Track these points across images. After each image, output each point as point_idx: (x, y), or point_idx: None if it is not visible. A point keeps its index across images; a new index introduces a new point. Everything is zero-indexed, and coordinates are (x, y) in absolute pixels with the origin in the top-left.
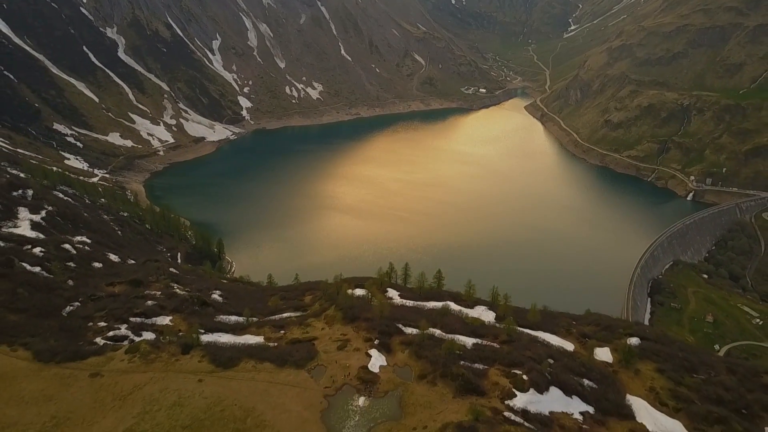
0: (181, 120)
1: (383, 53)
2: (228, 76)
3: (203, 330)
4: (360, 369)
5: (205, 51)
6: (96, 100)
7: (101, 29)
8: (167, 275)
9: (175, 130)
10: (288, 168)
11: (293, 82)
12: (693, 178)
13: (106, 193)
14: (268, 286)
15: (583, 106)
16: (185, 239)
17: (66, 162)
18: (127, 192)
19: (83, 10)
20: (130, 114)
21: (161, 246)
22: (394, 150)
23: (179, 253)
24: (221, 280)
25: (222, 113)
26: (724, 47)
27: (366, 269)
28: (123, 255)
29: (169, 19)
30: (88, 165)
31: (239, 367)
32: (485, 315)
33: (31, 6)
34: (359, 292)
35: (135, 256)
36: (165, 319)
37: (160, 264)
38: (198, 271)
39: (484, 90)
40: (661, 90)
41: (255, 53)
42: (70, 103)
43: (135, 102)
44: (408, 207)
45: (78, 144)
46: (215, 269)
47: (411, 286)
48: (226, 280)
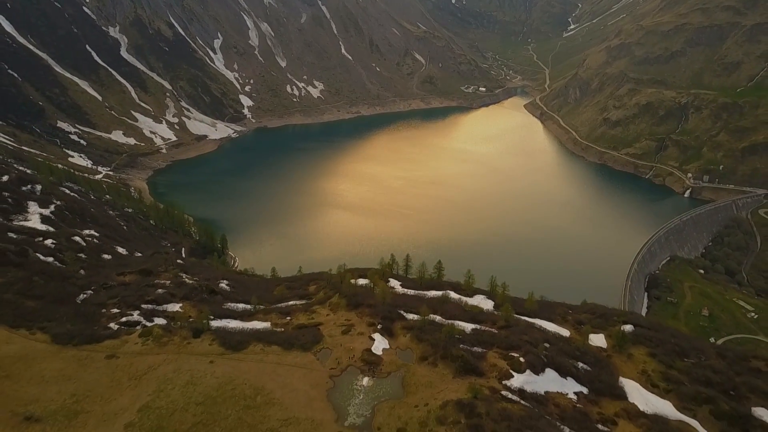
0: (184, 118)
1: (384, 52)
2: (229, 74)
3: (212, 316)
4: (364, 351)
5: (207, 50)
6: (99, 98)
7: (104, 28)
8: (176, 266)
9: (178, 128)
10: (289, 166)
11: (294, 80)
12: (690, 175)
13: (110, 190)
14: (273, 277)
15: (582, 104)
16: (189, 235)
17: (70, 159)
18: (131, 189)
19: (86, 9)
20: (132, 112)
21: (166, 241)
22: (394, 148)
23: (183, 248)
24: (227, 271)
25: (224, 112)
26: (721, 46)
27: (368, 263)
28: (130, 248)
29: (171, 19)
30: (91, 162)
31: (248, 350)
32: (484, 303)
33: (35, 5)
34: (362, 281)
35: (141, 249)
36: (175, 306)
37: (168, 255)
38: (204, 263)
39: (483, 89)
40: (660, 88)
41: (256, 52)
42: (73, 102)
43: (138, 100)
44: (409, 204)
45: (81, 142)
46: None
47: (412, 276)
48: (231, 272)
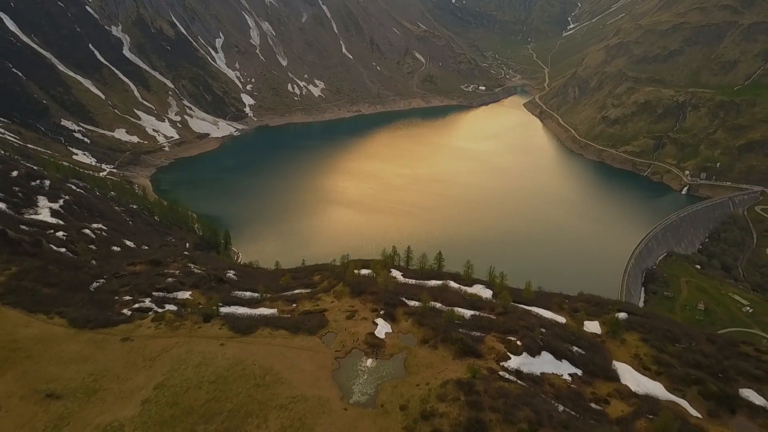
0: (186, 117)
1: (384, 51)
2: (231, 73)
3: (221, 303)
4: (367, 335)
5: (209, 49)
6: (102, 97)
7: (106, 27)
8: (184, 256)
9: (180, 126)
10: (291, 163)
11: (295, 79)
12: (688, 172)
13: (115, 187)
14: (277, 269)
15: (581, 102)
16: (193, 231)
17: (74, 157)
18: (135, 186)
19: (89, 8)
20: (135, 111)
21: (170, 237)
22: (395, 146)
23: (187, 244)
24: (233, 263)
25: (225, 110)
26: (719, 45)
27: (370, 257)
28: (137, 242)
29: (173, 18)
30: (95, 160)
31: (256, 334)
32: (483, 292)
33: (38, 4)
34: (365, 271)
35: (148, 243)
36: (185, 294)
37: (175, 248)
38: (210, 256)
39: (483, 88)
40: (658, 87)
41: (257, 51)
42: (77, 100)
43: (140, 99)
44: (410, 201)
45: (85, 140)
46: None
47: (413, 268)
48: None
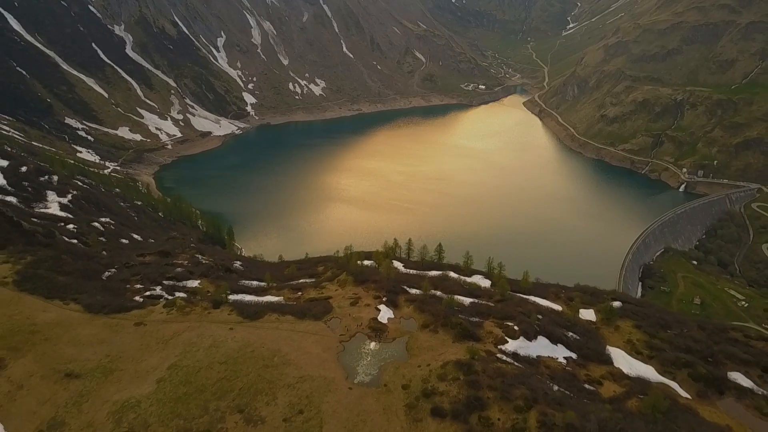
0: (188, 115)
1: (384, 50)
2: (233, 72)
3: (229, 291)
4: (371, 320)
5: (210, 48)
6: (105, 95)
7: (109, 27)
8: (192, 248)
9: (182, 124)
10: (293, 161)
11: (296, 78)
12: (685, 170)
13: (119, 184)
14: (282, 261)
15: (580, 101)
16: (196, 227)
17: (78, 155)
18: (138, 183)
19: (92, 8)
20: (138, 109)
21: (174, 232)
22: (396, 144)
23: (191, 239)
24: (239, 255)
25: (227, 109)
26: (717, 44)
27: (372, 250)
28: (144, 236)
29: (175, 17)
30: (99, 158)
31: (264, 319)
32: (481, 282)
33: (42, 4)
34: (367, 262)
35: (154, 237)
36: (194, 282)
37: (183, 241)
38: (215, 249)
39: (483, 87)
40: (656, 85)
41: (259, 50)
42: (80, 98)
43: (143, 97)
44: (411, 198)
45: (89, 138)
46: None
47: (414, 259)
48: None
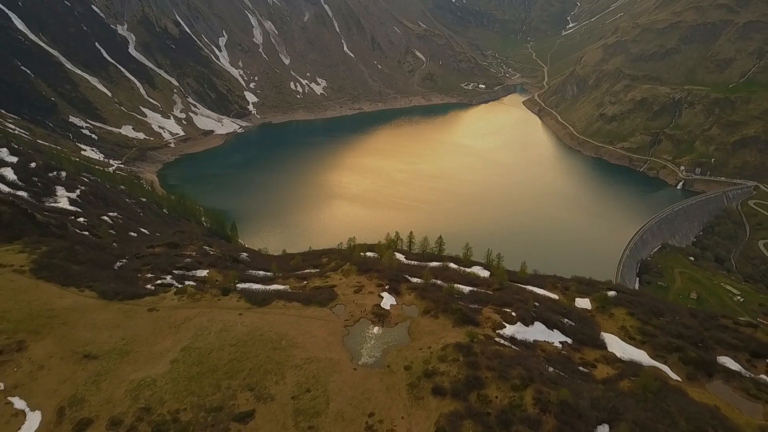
0: (191, 114)
1: (385, 50)
2: (234, 72)
3: (237, 280)
4: (374, 307)
5: (212, 48)
6: (109, 94)
7: (112, 26)
8: (199, 239)
9: (185, 123)
10: (294, 159)
11: (298, 78)
12: (683, 168)
13: (124, 181)
14: (286, 254)
15: (579, 100)
16: (200, 223)
17: (83, 153)
18: (142, 181)
19: (95, 8)
20: (141, 108)
21: (179, 228)
22: (396, 143)
23: (197, 233)
24: (245, 247)
25: (229, 108)
26: (714, 43)
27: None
28: (151, 230)
29: (177, 17)
30: (103, 156)
31: (272, 305)
32: (481, 273)
33: (46, 4)
34: (370, 254)
35: (160, 232)
36: (203, 272)
37: (190, 234)
38: (222, 242)
39: (483, 86)
40: (654, 84)
41: (260, 50)
42: (84, 97)
43: (146, 96)
44: (412, 195)
45: (93, 136)
46: None
47: (415, 252)
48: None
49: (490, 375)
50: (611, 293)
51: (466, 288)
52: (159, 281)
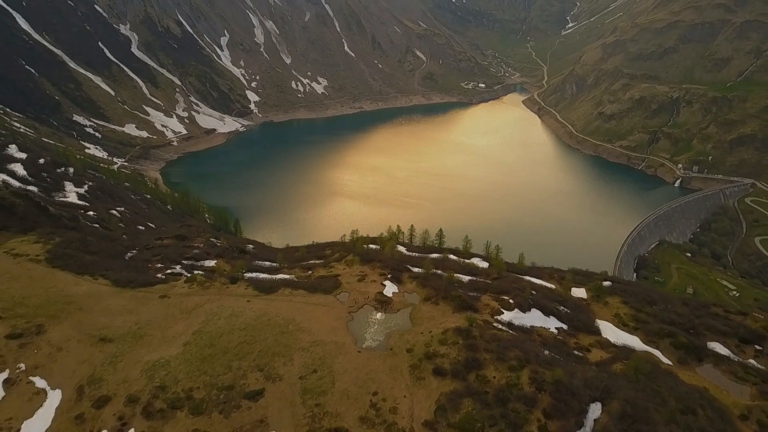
0: (193, 112)
1: (385, 49)
2: (236, 71)
3: (245, 270)
4: (377, 294)
5: (214, 47)
6: (112, 93)
7: (115, 26)
8: (207, 232)
9: (188, 122)
10: (296, 157)
11: (299, 77)
12: (681, 166)
13: (128, 179)
14: (291, 247)
15: (578, 99)
16: (204, 220)
17: (87, 151)
18: (146, 179)
19: (98, 7)
20: (144, 106)
21: (184, 223)
22: (397, 141)
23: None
24: (250, 239)
25: (231, 106)
26: (712, 42)
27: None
28: (157, 225)
29: (180, 17)
30: (107, 154)
31: (278, 293)
32: (480, 264)
33: (49, 3)
34: (372, 246)
35: (166, 227)
36: (211, 262)
37: (197, 227)
38: (228, 235)
39: (483, 85)
40: (652, 83)
41: (262, 49)
42: (87, 96)
43: (149, 95)
44: (413, 193)
45: (97, 134)
46: None
47: (416, 245)
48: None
49: (488, 357)
50: (606, 283)
51: (465, 277)
52: (169, 271)
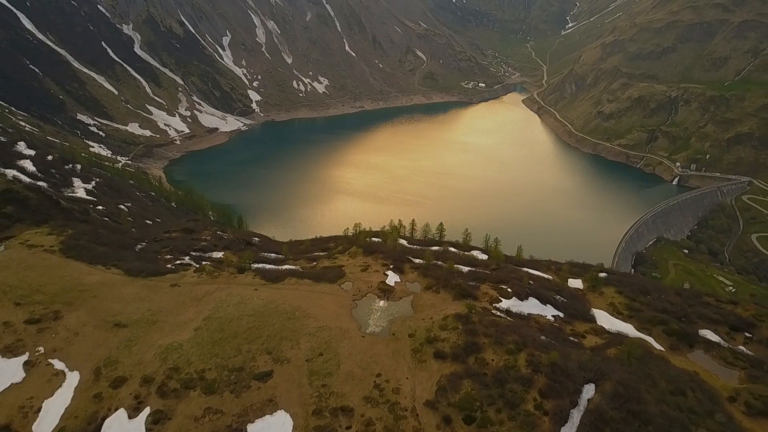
0: (195, 111)
1: (386, 49)
2: (238, 70)
3: (252, 261)
4: (379, 283)
5: (216, 47)
6: (115, 92)
7: (118, 26)
8: (213, 225)
9: (190, 121)
10: (298, 156)
11: (300, 76)
12: (679, 164)
13: (133, 176)
14: (295, 240)
15: (578, 98)
16: (207, 216)
17: (91, 149)
18: (150, 176)
19: (101, 7)
20: (147, 106)
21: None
22: (398, 140)
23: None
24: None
25: (233, 106)
26: (710, 42)
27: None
28: (163, 220)
29: (182, 17)
30: (111, 152)
31: (285, 282)
32: (479, 256)
33: (53, 4)
34: (375, 239)
35: (171, 222)
36: (218, 254)
37: (203, 221)
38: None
39: (483, 84)
40: (651, 83)
41: (263, 49)
42: (91, 95)
43: (152, 95)
44: (414, 191)
45: (100, 133)
46: None
47: (417, 238)
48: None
49: (486, 341)
50: (602, 274)
51: (465, 268)
52: (178, 261)
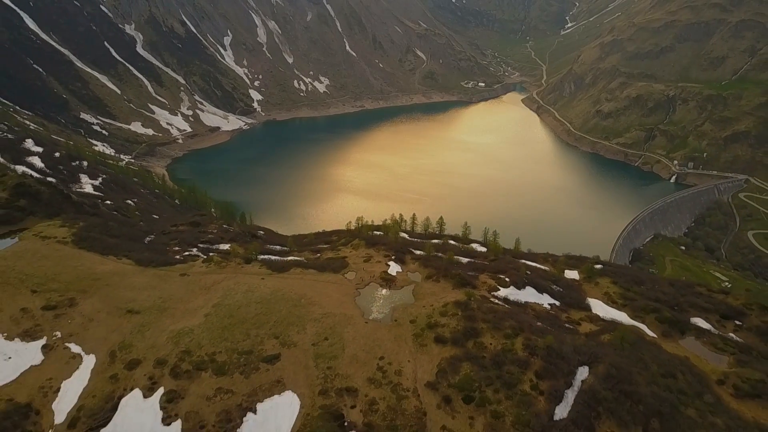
0: (197, 111)
1: (386, 49)
2: (239, 70)
3: (258, 253)
4: (382, 273)
5: (218, 47)
6: (118, 92)
7: (120, 26)
8: (219, 220)
9: (192, 120)
10: (299, 155)
11: (301, 76)
12: (676, 162)
13: (136, 174)
14: (299, 234)
15: (577, 97)
16: (210, 214)
17: (94, 148)
18: (153, 175)
19: (103, 7)
20: (149, 105)
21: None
22: (398, 139)
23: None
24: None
25: (234, 105)
26: (708, 41)
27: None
28: (168, 215)
29: (183, 17)
30: (114, 151)
31: (290, 272)
32: (478, 248)
33: (56, 4)
34: (376, 232)
35: (177, 219)
36: (225, 246)
37: (209, 216)
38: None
39: (483, 84)
40: (649, 82)
41: (264, 49)
42: (94, 95)
43: (154, 94)
44: (414, 189)
45: (104, 132)
46: None
47: (418, 232)
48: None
49: (485, 326)
50: (598, 266)
51: (464, 259)
52: (186, 252)
